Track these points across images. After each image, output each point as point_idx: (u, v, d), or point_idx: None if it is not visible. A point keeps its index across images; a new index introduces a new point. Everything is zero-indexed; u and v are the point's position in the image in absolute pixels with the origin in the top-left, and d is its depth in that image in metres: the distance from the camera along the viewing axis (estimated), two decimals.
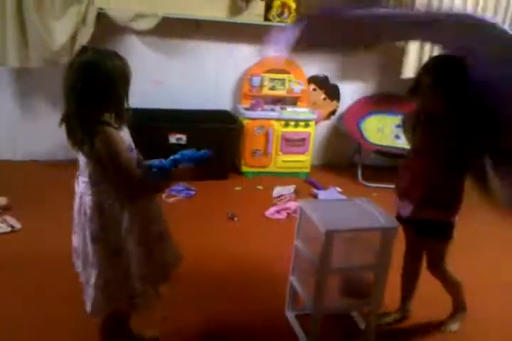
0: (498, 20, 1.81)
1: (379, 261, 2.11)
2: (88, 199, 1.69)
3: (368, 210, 2.21)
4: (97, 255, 1.71)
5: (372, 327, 2.20)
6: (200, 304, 2.44)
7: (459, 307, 2.38)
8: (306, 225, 2.22)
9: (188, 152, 1.86)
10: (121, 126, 1.71)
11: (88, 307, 1.79)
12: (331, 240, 1.99)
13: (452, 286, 2.32)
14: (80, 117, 1.61)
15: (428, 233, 2.20)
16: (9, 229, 2.99)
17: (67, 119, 1.64)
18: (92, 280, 1.74)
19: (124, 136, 1.72)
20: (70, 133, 1.65)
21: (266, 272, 2.75)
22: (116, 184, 1.67)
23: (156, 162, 1.84)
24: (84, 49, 1.65)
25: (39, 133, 4.24)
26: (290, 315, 2.38)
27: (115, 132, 1.64)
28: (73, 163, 4.55)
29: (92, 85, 1.59)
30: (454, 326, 2.37)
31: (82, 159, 1.70)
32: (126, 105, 1.69)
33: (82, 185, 1.72)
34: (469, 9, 4.20)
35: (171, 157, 1.82)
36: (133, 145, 1.77)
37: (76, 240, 1.80)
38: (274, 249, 2.93)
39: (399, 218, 2.23)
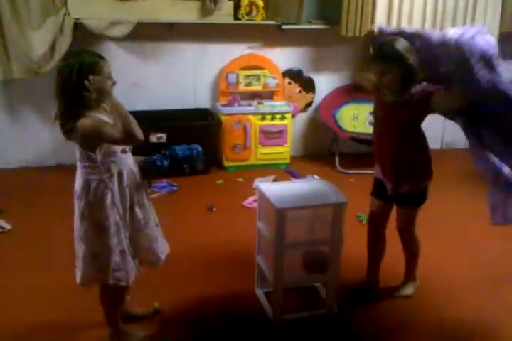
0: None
1: (332, 235, 2.27)
2: (78, 180, 1.99)
3: (322, 189, 2.39)
4: (84, 230, 1.97)
5: (332, 297, 2.37)
6: (178, 286, 2.63)
7: (411, 276, 2.57)
8: (265, 206, 2.39)
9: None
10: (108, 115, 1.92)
11: (78, 279, 2.03)
12: (284, 217, 2.16)
13: (414, 251, 2.50)
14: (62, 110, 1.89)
15: (403, 202, 2.39)
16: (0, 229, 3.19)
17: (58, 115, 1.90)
18: (81, 254, 2.00)
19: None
20: (62, 126, 1.90)
21: (238, 255, 2.93)
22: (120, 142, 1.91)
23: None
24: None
25: (28, 140, 4.45)
26: (259, 292, 2.55)
27: (98, 116, 1.87)
28: (61, 168, 4.76)
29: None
30: (408, 291, 2.56)
31: (75, 147, 1.95)
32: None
33: (77, 169, 2.00)
34: None
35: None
36: None
37: None
38: (249, 235, 3.09)
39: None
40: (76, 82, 1.82)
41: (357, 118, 4.62)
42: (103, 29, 4.07)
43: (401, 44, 2.16)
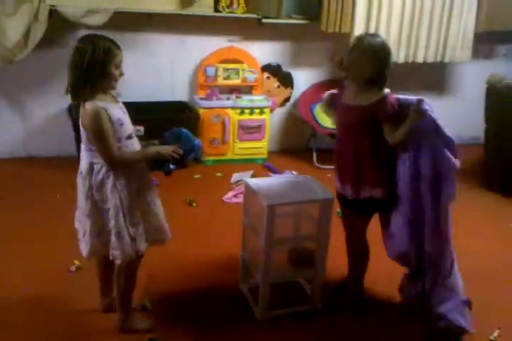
0: None
1: (319, 231, 2.28)
2: (84, 162, 2.02)
3: (308, 185, 2.39)
4: (89, 209, 2.03)
5: (318, 292, 2.38)
6: (161, 282, 2.60)
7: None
8: (252, 202, 2.38)
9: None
10: (113, 101, 2.00)
11: (85, 252, 2.11)
12: (273, 213, 2.15)
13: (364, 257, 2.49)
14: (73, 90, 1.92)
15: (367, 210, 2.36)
16: None
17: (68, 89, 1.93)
18: (88, 229, 2.06)
19: (115, 110, 1.95)
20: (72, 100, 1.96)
21: (220, 250, 2.92)
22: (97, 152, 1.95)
23: None
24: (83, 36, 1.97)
25: None
26: (244, 288, 2.54)
27: (101, 108, 1.88)
28: (31, 160, 4.64)
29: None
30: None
31: (81, 128, 1.97)
32: (107, 83, 1.94)
33: (81, 150, 2.03)
34: None
35: None
36: (123, 119, 1.99)
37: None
38: (231, 230, 3.08)
39: (342, 200, 2.40)
40: (87, 65, 1.84)
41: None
42: (80, 17, 3.94)
43: (380, 40, 2.20)
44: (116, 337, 2.19)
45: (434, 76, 5.12)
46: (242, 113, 4.39)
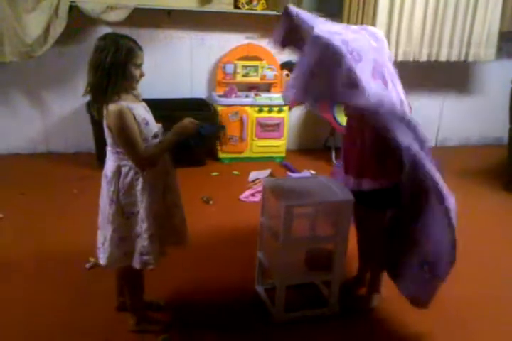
0: None
1: (337, 232, 2.23)
2: (109, 165, 1.94)
3: (327, 186, 2.33)
4: (113, 214, 1.94)
5: (336, 295, 2.33)
6: (177, 281, 2.57)
7: (374, 287, 2.47)
8: (270, 202, 2.34)
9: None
10: (136, 101, 1.93)
11: (103, 261, 2.02)
12: (291, 214, 2.11)
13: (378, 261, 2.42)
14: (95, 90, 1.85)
15: (372, 204, 2.28)
16: None
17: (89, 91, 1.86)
18: (108, 236, 1.97)
19: (139, 110, 1.90)
20: (92, 103, 1.89)
21: (237, 250, 2.88)
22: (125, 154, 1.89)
23: None
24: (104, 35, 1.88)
25: (19, 127, 4.32)
26: (259, 289, 2.50)
27: (125, 108, 1.82)
28: (52, 155, 4.67)
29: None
30: (374, 303, 2.46)
31: (105, 130, 1.90)
32: (128, 84, 1.87)
33: (107, 153, 1.96)
34: None
35: None
36: (148, 118, 1.94)
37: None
38: (247, 230, 3.05)
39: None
40: (109, 65, 1.78)
41: None
42: (99, 13, 3.95)
43: None
44: (130, 336, 2.17)
45: (458, 75, 5.02)
46: (260, 111, 4.35)
